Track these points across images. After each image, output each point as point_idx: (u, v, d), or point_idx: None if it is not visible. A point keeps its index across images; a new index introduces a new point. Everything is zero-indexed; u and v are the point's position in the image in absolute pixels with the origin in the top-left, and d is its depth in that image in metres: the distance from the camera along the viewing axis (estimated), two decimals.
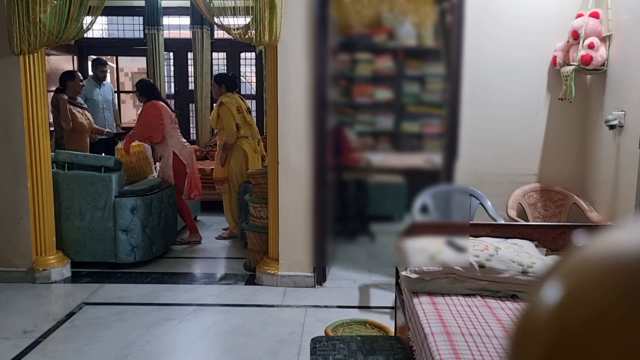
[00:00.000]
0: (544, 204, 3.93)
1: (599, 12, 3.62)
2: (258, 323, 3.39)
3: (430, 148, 2.03)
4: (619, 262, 0.30)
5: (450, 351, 1.84)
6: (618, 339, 0.28)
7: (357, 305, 3.68)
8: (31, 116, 3.89)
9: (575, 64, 3.59)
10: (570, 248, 0.34)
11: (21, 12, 3.66)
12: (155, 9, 6.86)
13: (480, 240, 2.55)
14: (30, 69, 3.85)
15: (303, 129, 3.79)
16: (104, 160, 4.36)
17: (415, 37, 1.92)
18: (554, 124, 3.97)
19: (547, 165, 4.01)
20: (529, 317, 0.33)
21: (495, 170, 3.98)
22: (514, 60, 3.90)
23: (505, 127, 3.96)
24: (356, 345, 2.42)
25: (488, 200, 3.47)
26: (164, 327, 3.34)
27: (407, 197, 2.28)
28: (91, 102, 5.86)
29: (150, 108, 4.84)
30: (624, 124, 3.36)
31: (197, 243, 5.09)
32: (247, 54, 7.28)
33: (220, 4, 3.84)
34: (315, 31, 2.10)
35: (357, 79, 1.94)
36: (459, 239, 2.44)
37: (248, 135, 5.06)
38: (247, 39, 3.82)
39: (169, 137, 4.88)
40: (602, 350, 0.28)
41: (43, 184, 3.99)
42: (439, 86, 1.99)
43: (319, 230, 2.84)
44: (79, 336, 3.18)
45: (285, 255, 3.96)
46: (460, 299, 2.30)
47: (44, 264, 4.04)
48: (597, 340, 0.28)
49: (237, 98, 5.08)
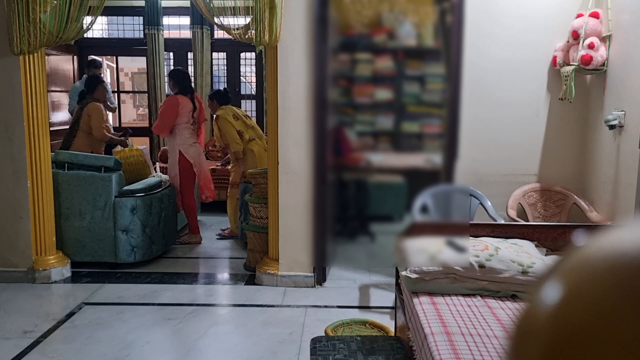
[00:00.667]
0: (544, 204, 3.93)
1: (599, 12, 3.62)
2: (258, 323, 3.39)
3: (430, 148, 2.03)
4: (619, 262, 0.30)
5: (450, 351, 1.84)
6: (618, 339, 0.28)
7: (357, 305, 3.68)
8: (31, 116, 3.89)
9: (575, 64, 3.59)
10: (570, 248, 0.34)
11: (21, 12, 3.66)
12: (155, 9, 6.86)
13: (480, 240, 2.55)
14: (30, 69, 3.85)
15: (303, 129, 3.79)
16: (104, 160, 4.36)
17: (415, 37, 1.92)
18: (554, 124, 3.97)
19: (547, 165, 4.01)
20: (529, 317, 0.33)
21: (495, 170, 3.98)
22: (514, 60, 3.90)
23: (505, 127, 3.96)
24: (356, 345, 2.42)
25: (488, 200, 3.47)
26: (164, 327, 3.34)
27: (407, 197, 2.28)
28: None
29: (168, 101, 4.93)
30: (624, 124, 3.36)
31: (197, 244, 5.09)
32: (247, 54, 7.29)
33: (220, 4, 3.84)
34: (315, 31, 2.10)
35: (357, 79, 1.94)
36: (459, 239, 2.44)
37: (254, 137, 5.08)
38: (247, 39, 3.82)
39: (178, 134, 4.89)
40: (602, 350, 0.28)
41: (43, 184, 3.99)
42: (439, 86, 1.99)
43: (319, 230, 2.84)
44: (79, 336, 3.18)
45: (285, 255, 3.96)
46: (460, 299, 2.30)
47: (44, 264, 4.04)
48: (597, 340, 0.28)
49: (230, 107, 5.17)
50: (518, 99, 3.95)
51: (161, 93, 7.10)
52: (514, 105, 3.95)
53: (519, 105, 3.95)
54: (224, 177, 5.92)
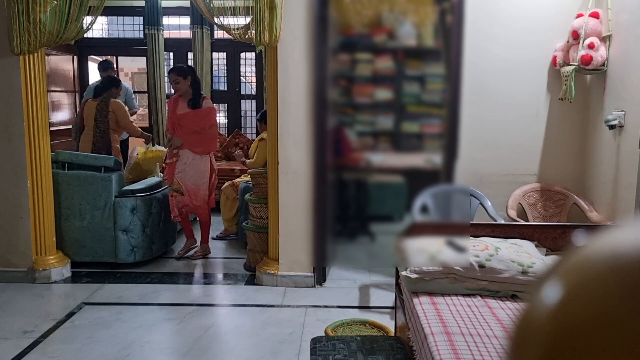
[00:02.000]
0: (544, 204, 3.93)
1: (599, 12, 3.62)
2: (258, 323, 3.39)
3: (430, 148, 2.03)
4: (619, 262, 0.30)
5: (450, 351, 1.84)
6: (618, 338, 0.28)
7: (357, 305, 3.68)
8: (31, 116, 3.89)
9: (575, 64, 3.59)
10: (570, 248, 0.34)
11: (21, 12, 3.66)
12: (155, 9, 6.86)
13: (480, 240, 2.55)
14: (30, 69, 3.85)
15: (303, 129, 3.79)
16: (104, 160, 4.36)
17: (415, 37, 1.92)
18: (554, 124, 3.97)
19: (547, 165, 4.01)
20: (529, 317, 0.33)
21: (495, 170, 3.98)
22: (514, 60, 3.90)
23: (505, 127, 3.96)
24: (356, 345, 2.42)
25: (488, 200, 3.47)
26: (164, 327, 3.34)
27: (407, 197, 2.28)
28: None
29: (212, 112, 4.60)
30: (624, 124, 3.36)
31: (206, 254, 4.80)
32: (247, 54, 7.28)
33: (220, 4, 3.84)
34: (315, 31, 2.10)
35: (357, 79, 1.94)
36: (459, 239, 2.44)
37: None
38: (247, 39, 3.82)
39: None
40: (602, 350, 0.28)
41: (43, 184, 3.99)
42: (439, 86, 1.99)
43: (319, 230, 2.84)
44: (79, 336, 3.18)
45: (285, 255, 3.96)
46: (460, 299, 2.30)
47: (44, 264, 4.04)
48: (597, 340, 0.28)
49: None
50: (518, 99, 3.95)
51: (161, 93, 7.10)
52: (514, 105, 3.95)
53: (519, 105, 3.95)
54: (224, 177, 5.92)
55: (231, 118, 7.45)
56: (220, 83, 7.55)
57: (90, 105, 4.90)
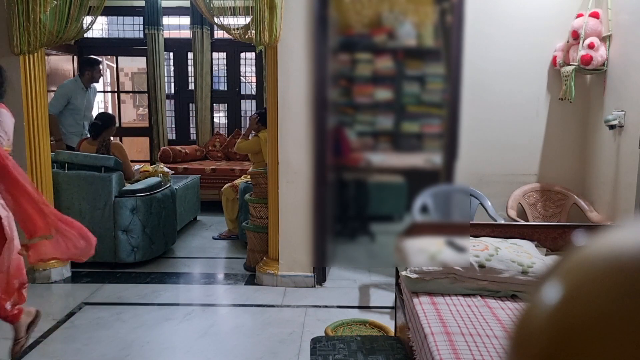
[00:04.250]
0: (544, 204, 3.93)
1: (599, 12, 3.62)
2: (258, 323, 3.39)
3: (430, 148, 2.03)
4: (619, 262, 0.30)
5: (450, 351, 1.84)
6: (618, 339, 0.28)
7: (357, 305, 3.68)
8: (31, 116, 3.89)
9: (575, 64, 3.59)
10: (570, 248, 0.34)
11: (21, 12, 3.66)
12: (155, 9, 6.86)
13: (480, 240, 2.55)
14: (30, 69, 3.85)
15: (303, 129, 3.79)
16: (104, 160, 4.35)
17: (415, 37, 1.92)
18: (554, 124, 3.97)
19: (547, 165, 4.01)
20: (529, 317, 0.33)
21: (495, 170, 3.98)
22: (514, 61, 3.90)
23: (505, 127, 3.96)
24: (356, 345, 2.42)
25: (488, 200, 3.47)
26: (164, 327, 3.34)
27: (407, 197, 2.28)
28: (72, 107, 5.29)
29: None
30: (624, 124, 3.36)
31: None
32: (247, 54, 7.29)
33: (220, 4, 3.84)
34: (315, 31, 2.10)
35: (357, 79, 1.94)
36: (459, 239, 2.44)
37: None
38: (247, 39, 3.82)
39: None
40: (602, 350, 0.28)
41: (43, 184, 3.98)
42: (439, 86, 1.99)
43: (319, 230, 2.84)
44: (79, 336, 3.18)
45: (285, 255, 3.96)
46: (460, 299, 2.30)
47: (44, 264, 4.03)
48: (597, 340, 0.28)
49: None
50: (518, 99, 3.95)
51: (161, 93, 7.11)
52: (514, 105, 3.95)
53: (519, 105, 3.95)
54: (224, 177, 5.92)
55: (231, 118, 7.46)
56: (220, 83, 7.55)
57: (89, 148, 4.56)
